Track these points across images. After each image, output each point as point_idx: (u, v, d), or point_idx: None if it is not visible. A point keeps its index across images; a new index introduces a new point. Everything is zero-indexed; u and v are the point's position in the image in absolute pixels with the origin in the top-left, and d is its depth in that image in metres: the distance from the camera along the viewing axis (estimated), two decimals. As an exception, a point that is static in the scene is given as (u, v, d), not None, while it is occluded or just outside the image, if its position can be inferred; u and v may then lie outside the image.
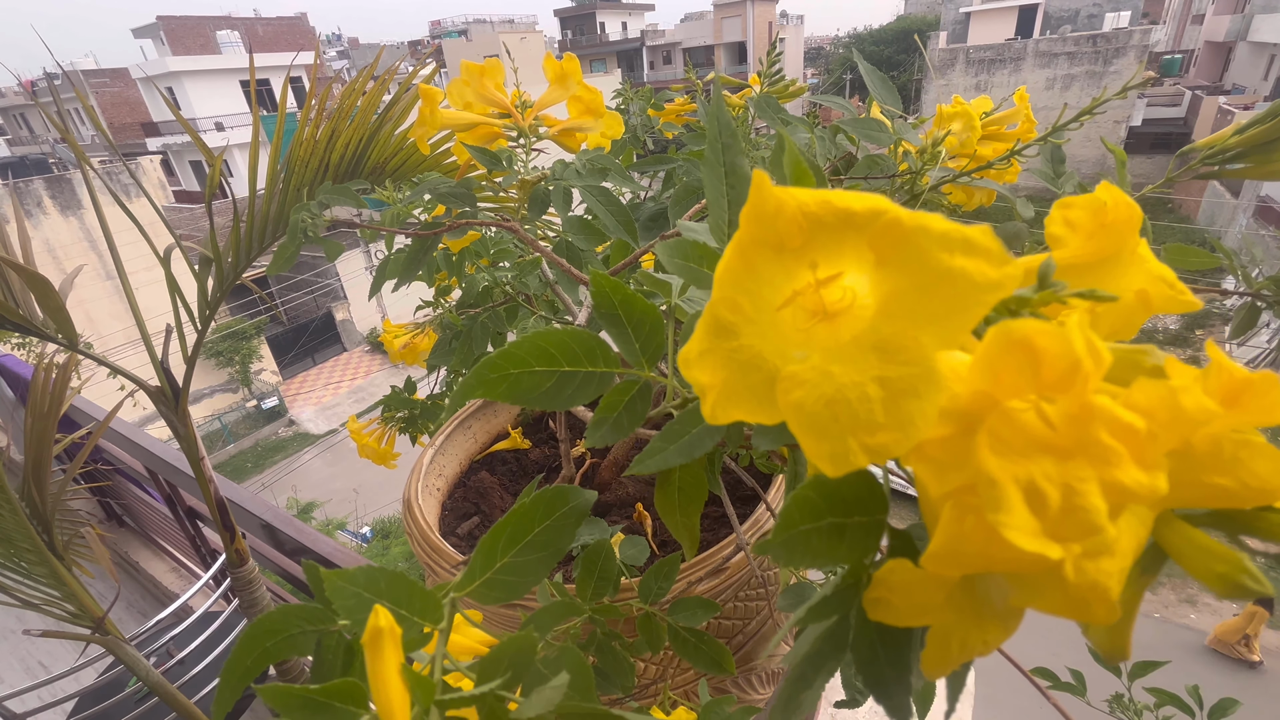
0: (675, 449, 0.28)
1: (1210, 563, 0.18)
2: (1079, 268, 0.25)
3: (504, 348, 0.29)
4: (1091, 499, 0.16)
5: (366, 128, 1.24)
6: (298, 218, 0.62)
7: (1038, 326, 0.16)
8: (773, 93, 0.75)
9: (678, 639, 0.60)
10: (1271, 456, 0.17)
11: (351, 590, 0.27)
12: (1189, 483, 0.18)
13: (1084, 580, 0.16)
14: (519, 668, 0.26)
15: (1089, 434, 0.16)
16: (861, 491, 0.22)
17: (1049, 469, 0.16)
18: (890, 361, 0.17)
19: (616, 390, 0.31)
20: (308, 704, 0.24)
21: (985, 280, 0.17)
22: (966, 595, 0.21)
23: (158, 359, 1.87)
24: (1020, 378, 0.16)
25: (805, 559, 0.21)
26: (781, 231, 0.19)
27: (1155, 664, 1.14)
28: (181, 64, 22.58)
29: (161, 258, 1.69)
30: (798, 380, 0.18)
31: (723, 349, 0.19)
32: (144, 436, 2.22)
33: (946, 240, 0.17)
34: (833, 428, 0.17)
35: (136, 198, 12.05)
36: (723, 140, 0.29)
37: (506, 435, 1.27)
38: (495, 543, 0.31)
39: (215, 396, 15.17)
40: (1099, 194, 0.25)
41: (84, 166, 1.69)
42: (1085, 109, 0.52)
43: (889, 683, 0.23)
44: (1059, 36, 20.92)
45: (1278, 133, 0.47)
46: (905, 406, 0.17)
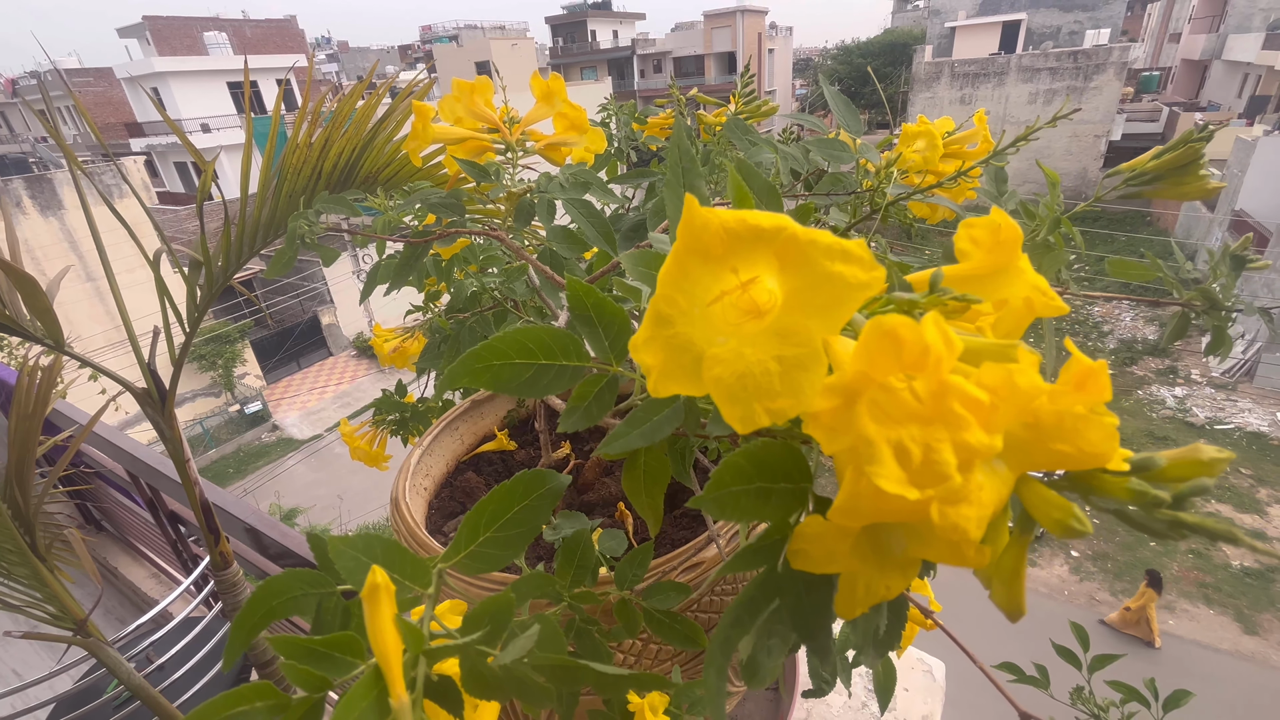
0: (638, 433, 0.32)
1: (1050, 510, 0.23)
2: (979, 277, 0.29)
3: (487, 341, 0.33)
4: (944, 454, 0.20)
5: (360, 137, 1.28)
6: (295, 225, 0.65)
7: (901, 320, 0.21)
8: (746, 112, 0.80)
9: (653, 621, 0.63)
10: (1101, 427, 0.22)
11: (351, 554, 0.31)
12: (1040, 450, 0.22)
13: (946, 523, 0.20)
14: (498, 624, 0.30)
15: (945, 405, 0.20)
16: (787, 463, 0.26)
17: (914, 432, 0.20)
18: (787, 344, 0.22)
19: (587, 382, 0.35)
20: (311, 653, 0.27)
21: (857, 281, 0.22)
22: (870, 545, 0.25)
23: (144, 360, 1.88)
24: (888, 360, 0.21)
25: (734, 514, 0.25)
26: (708, 242, 0.23)
27: (1112, 657, 1.20)
28: (167, 64, 22.39)
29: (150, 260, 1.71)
30: (718, 359, 0.23)
31: (662, 336, 0.24)
32: (126, 440, 2.21)
33: (829, 250, 0.22)
34: (742, 395, 0.22)
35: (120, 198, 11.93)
36: (683, 165, 0.33)
37: (493, 437, 1.31)
38: (479, 519, 0.34)
39: (197, 401, 14.97)
40: (994, 217, 0.30)
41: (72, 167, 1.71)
42: (1020, 136, 0.57)
43: (813, 626, 0.27)
44: (1041, 52, 21.39)
45: (1187, 159, 0.52)
46: (797, 378, 0.21)
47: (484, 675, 0.30)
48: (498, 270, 1.14)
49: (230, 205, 1.31)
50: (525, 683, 0.30)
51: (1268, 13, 20.79)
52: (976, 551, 0.21)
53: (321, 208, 0.69)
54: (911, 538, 0.24)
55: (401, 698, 0.26)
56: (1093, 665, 1.23)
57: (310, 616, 0.33)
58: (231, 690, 0.26)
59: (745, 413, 0.23)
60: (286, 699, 0.27)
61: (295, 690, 0.27)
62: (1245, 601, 8.55)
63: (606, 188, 0.68)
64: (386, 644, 0.26)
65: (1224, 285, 0.67)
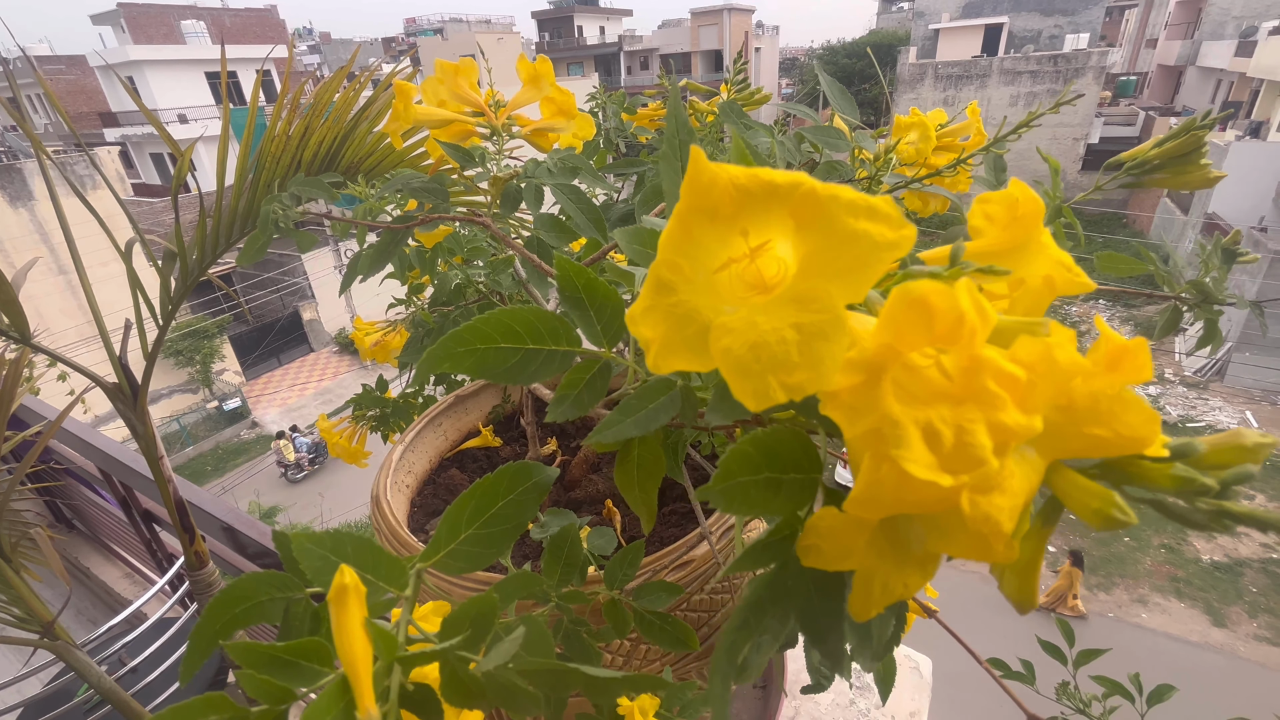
0: (631, 422, 0.30)
1: (1087, 500, 0.21)
2: (995, 254, 0.28)
3: (470, 323, 0.31)
4: (979, 436, 0.18)
5: (341, 126, 1.24)
6: (269, 209, 0.62)
7: (933, 286, 0.19)
8: (739, 99, 0.78)
9: (643, 622, 0.61)
10: (1139, 409, 0.20)
11: (318, 553, 0.28)
12: (1074, 435, 0.21)
13: (978, 513, 0.19)
14: (480, 628, 0.27)
15: (978, 382, 0.19)
16: (796, 451, 0.24)
17: (944, 413, 0.19)
18: (805, 310, 0.20)
19: (578, 369, 0.33)
20: (274, 661, 0.25)
21: (885, 240, 0.20)
22: (887, 540, 0.23)
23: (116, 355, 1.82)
24: (917, 331, 0.19)
25: (742, 507, 0.23)
26: (715, 201, 0.21)
27: (1097, 651, 1.20)
28: (144, 53, 21.87)
29: (122, 251, 1.65)
30: (727, 329, 0.21)
31: (663, 305, 0.22)
32: (98, 436, 2.15)
33: (853, 207, 0.20)
34: (755, 368, 0.20)
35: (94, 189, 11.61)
36: (680, 137, 0.31)
37: (478, 433, 1.28)
38: (460, 515, 0.32)
39: (174, 397, 14.66)
40: (1011, 190, 0.28)
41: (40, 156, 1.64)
42: (1023, 121, 0.56)
43: (824, 629, 0.25)
44: (1022, 55, 21.69)
45: (1189, 147, 0.51)
46: (817, 348, 0.19)
47: (465, 683, 0.28)
48: (483, 262, 1.11)
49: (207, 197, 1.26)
50: (510, 689, 0.28)
51: (1240, 21, 21.28)
52: (1006, 545, 0.19)
53: (297, 190, 0.66)
54: (932, 531, 0.22)
55: (370, 710, 0.23)
56: (1078, 660, 1.24)
57: (278, 622, 0.31)
58: (182, 704, 0.23)
59: (758, 387, 0.20)
60: (244, 712, 0.24)
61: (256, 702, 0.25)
62: (1215, 595, 8.77)
63: (597, 174, 0.65)
64: (355, 651, 0.24)
65: (1216, 279, 0.67)
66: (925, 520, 0.22)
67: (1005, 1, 24.79)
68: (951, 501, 0.19)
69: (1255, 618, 8.44)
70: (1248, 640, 8.13)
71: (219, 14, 26.08)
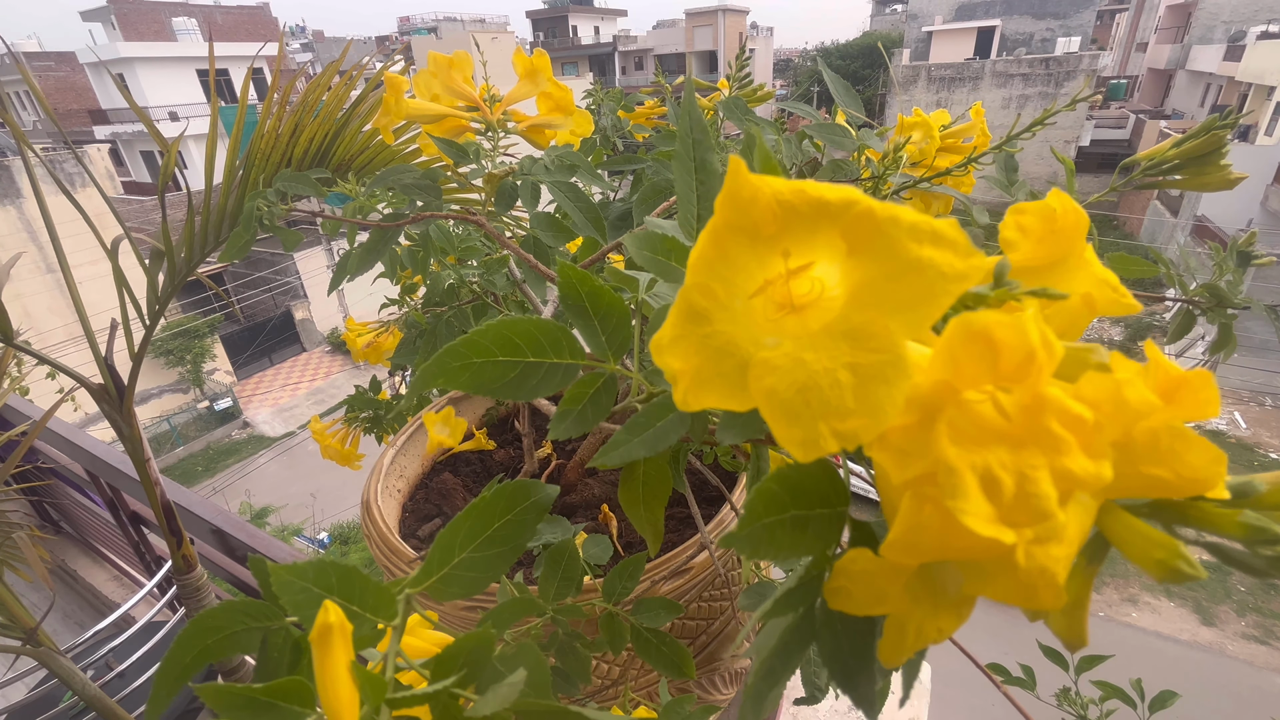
0: (639, 441, 0.28)
1: (1150, 549, 0.19)
2: (1030, 270, 0.26)
3: (468, 335, 0.29)
4: (1043, 485, 0.16)
5: (333, 123, 1.21)
6: (253, 205, 0.60)
7: (997, 318, 0.17)
8: (742, 95, 0.76)
9: (640, 639, 0.59)
10: (1203, 449, 0.18)
11: (300, 585, 0.26)
12: (1129, 474, 0.19)
13: (1034, 565, 0.17)
14: (475, 665, 0.25)
15: (1041, 424, 0.17)
16: (823, 484, 0.22)
17: (1004, 457, 0.17)
18: (861, 349, 0.18)
19: (581, 383, 0.31)
20: (251, 704, 0.23)
21: (953, 270, 0.17)
22: (922, 584, 0.21)
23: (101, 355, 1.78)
24: (979, 368, 0.17)
25: (769, 551, 0.21)
26: (756, 218, 0.19)
27: (1100, 658, 1.19)
28: (134, 50, 21.65)
29: (109, 250, 1.62)
30: (770, 366, 0.18)
31: (696, 335, 0.19)
32: (85, 437, 2.11)
33: (916, 231, 0.18)
34: (805, 413, 0.18)
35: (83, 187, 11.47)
36: (694, 136, 0.29)
37: (471, 436, 1.25)
38: (454, 538, 0.30)
39: (164, 397, 14.52)
40: (1050, 201, 0.26)
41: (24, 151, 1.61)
42: (1038, 119, 0.55)
43: (855, 674, 0.23)
44: (1015, 58, 21.81)
45: (1210, 147, 0.50)
46: (875, 392, 0.17)
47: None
48: (477, 262, 1.09)
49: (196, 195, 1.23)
50: (508, 732, 0.26)
51: (1229, 25, 21.48)
52: (1055, 594, 0.17)
53: (283, 186, 0.63)
54: (972, 575, 0.20)
55: (356, 767, 0.21)
56: (1080, 666, 1.23)
57: (253, 654, 0.29)
58: (147, 759, 0.21)
59: (808, 435, 0.18)
60: (218, 767, 0.22)
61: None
62: (1203, 594, 8.85)
63: (595, 172, 0.63)
64: (339, 697, 0.22)
65: (1231, 281, 0.65)
66: (965, 564, 0.20)
67: (998, 4, 24.94)
68: (1004, 551, 0.17)
69: (1243, 616, 8.52)
70: (1236, 639, 8.21)
71: (210, 11, 25.87)
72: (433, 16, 45.34)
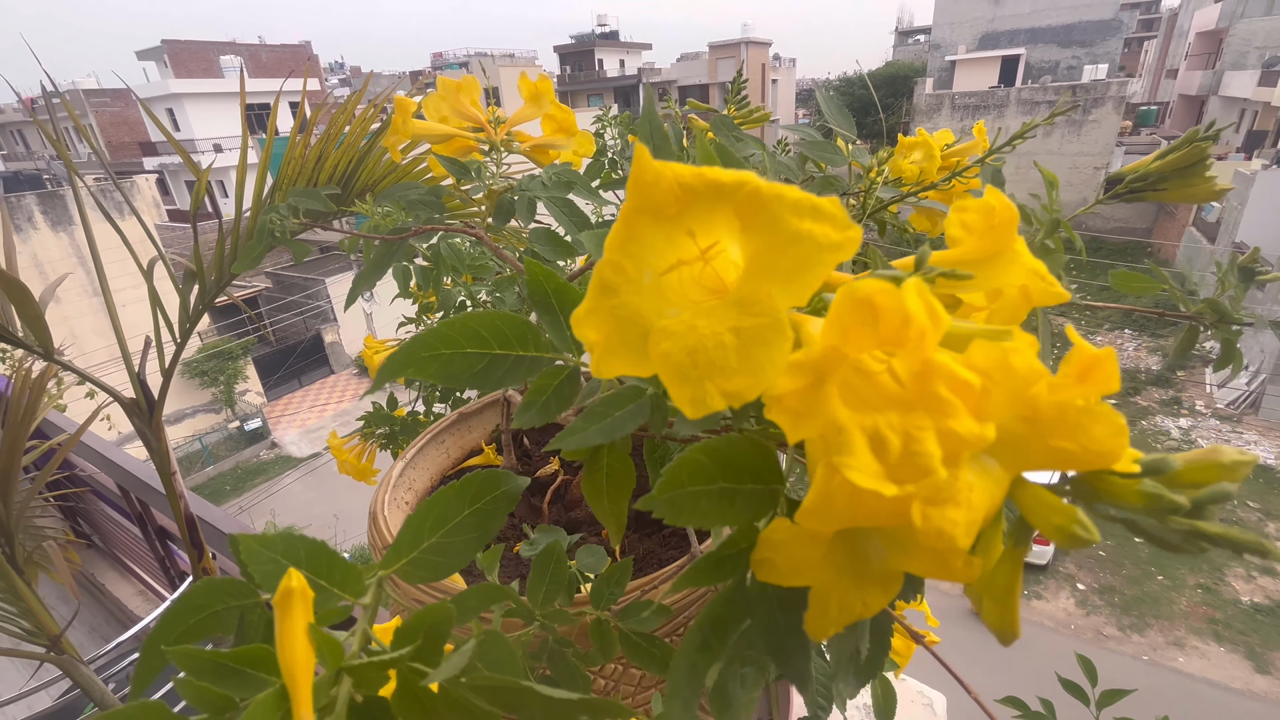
0: (596, 429, 0.29)
1: (1050, 516, 0.20)
2: (971, 263, 0.27)
3: (436, 326, 0.30)
4: (928, 445, 0.17)
5: (356, 151, 1.27)
6: (265, 218, 0.63)
7: (879, 286, 0.18)
8: (739, 118, 0.79)
9: (628, 643, 0.59)
10: (1107, 421, 0.19)
11: (268, 555, 0.28)
12: (1039, 448, 0.19)
13: (930, 527, 0.17)
14: (434, 637, 0.26)
15: (930, 388, 0.18)
16: (755, 461, 0.23)
17: (893, 420, 0.18)
18: (745, 314, 0.19)
19: (546, 375, 0.32)
20: (219, 669, 0.24)
21: (829, 241, 0.19)
22: (845, 555, 0.22)
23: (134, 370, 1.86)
24: (863, 333, 0.18)
25: (692, 518, 0.22)
26: (659, 200, 0.21)
27: (1122, 692, 1.14)
28: (183, 86, 22.87)
29: (144, 270, 1.70)
30: (667, 333, 0.20)
31: (606, 307, 0.21)
32: (117, 453, 2.18)
33: (798, 207, 0.19)
34: (693, 373, 0.19)
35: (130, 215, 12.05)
36: (654, 142, 0.31)
37: (480, 452, 1.27)
38: (423, 523, 0.31)
39: (197, 417, 14.93)
40: (988, 198, 0.27)
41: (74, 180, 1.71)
42: (1018, 133, 0.55)
43: (789, 649, 0.24)
44: (1040, 85, 21.72)
45: (1193, 159, 0.50)
46: (756, 353, 0.18)
47: (420, 698, 0.27)
48: (489, 280, 1.12)
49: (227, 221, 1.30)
50: (465, 706, 0.26)
51: (1263, 51, 21.15)
52: (965, 563, 0.18)
53: (294, 202, 0.67)
54: (892, 547, 0.21)
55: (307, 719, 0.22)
56: (1100, 701, 1.18)
57: (233, 634, 0.30)
58: (118, 710, 0.23)
59: (696, 393, 0.19)
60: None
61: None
62: (1257, 639, 8.34)
63: (592, 189, 0.66)
64: (295, 656, 0.23)
65: (1233, 297, 0.65)
66: (885, 536, 0.21)
67: (1022, 34, 24.97)
68: (903, 514, 0.17)
69: (1302, 664, 8.02)
70: (1294, 688, 7.71)
71: (256, 49, 27.26)
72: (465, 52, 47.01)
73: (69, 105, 1.54)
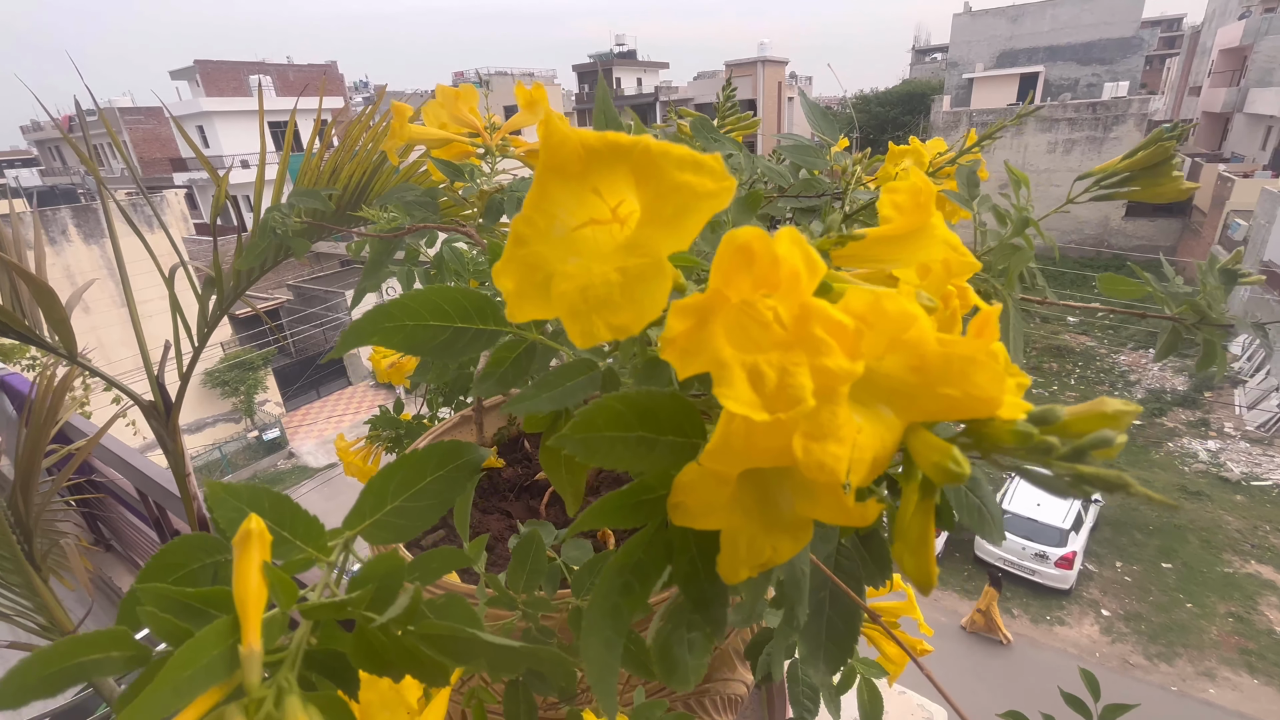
0: (547, 397, 0.31)
1: (929, 454, 0.21)
2: (897, 239, 0.28)
3: (398, 299, 0.33)
4: (800, 377, 0.19)
5: (370, 162, 1.32)
6: (267, 216, 0.66)
7: (754, 232, 0.20)
8: (727, 124, 0.81)
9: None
10: (989, 369, 0.20)
11: (234, 504, 0.30)
12: (928, 396, 0.21)
13: (811, 460, 0.19)
14: (387, 585, 0.28)
15: (807, 329, 0.19)
16: (676, 414, 0.25)
17: (773, 358, 0.19)
18: (631, 255, 0.21)
19: (503, 347, 0.34)
20: (181, 607, 0.26)
21: (705, 190, 0.21)
22: (754, 499, 0.23)
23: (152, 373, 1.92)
24: (740, 274, 0.20)
25: (607, 462, 0.24)
26: (565, 159, 0.23)
27: (1124, 707, 1.11)
28: (213, 104, 23.64)
29: (165, 277, 1.76)
30: (565, 275, 0.22)
31: (518, 256, 0.23)
32: (136, 457, 2.24)
33: (681, 160, 0.21)
34: (583, 309, 0.21)
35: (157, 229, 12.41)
36: (607, 127, 0.33)
37: (481, 453, 1.29)
38: (386, 485, 0.33)
39: (217, 426, 15.20)
40: (913, 179, 0.29)
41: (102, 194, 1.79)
42: (988, 131, 0.57)
43: (708, 597, 0.25)
44: (1060, 103, 21.60)
45: (1159, 158, 0.51)
46: (637, 289, 0.20)
47: (374, 646, 0.28)
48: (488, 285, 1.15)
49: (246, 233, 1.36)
50: (414, 655, 0.28)
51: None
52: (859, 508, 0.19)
53: (294, 200, 0.71)
54: (799, 494, 0.22)
55: (253, 645, 0.24)
56: (1103, 716, 1.15)
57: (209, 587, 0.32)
58: (83, 635, 0.25)
59: (585, 327, 0.21)
60: (145, 650, 0.25)
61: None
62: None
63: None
64: (248, 590, 0.25)
65: (1212, 298, 0.65)
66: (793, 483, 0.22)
67: (1040, 51, 24.91)
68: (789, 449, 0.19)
69: (1341, 698, 7.68)
70: (1332, 724, 7.39)
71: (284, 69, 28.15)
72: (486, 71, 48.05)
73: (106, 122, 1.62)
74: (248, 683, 0.23)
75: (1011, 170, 0.58)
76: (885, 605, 0.87)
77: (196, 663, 0.23)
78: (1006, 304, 0.52)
